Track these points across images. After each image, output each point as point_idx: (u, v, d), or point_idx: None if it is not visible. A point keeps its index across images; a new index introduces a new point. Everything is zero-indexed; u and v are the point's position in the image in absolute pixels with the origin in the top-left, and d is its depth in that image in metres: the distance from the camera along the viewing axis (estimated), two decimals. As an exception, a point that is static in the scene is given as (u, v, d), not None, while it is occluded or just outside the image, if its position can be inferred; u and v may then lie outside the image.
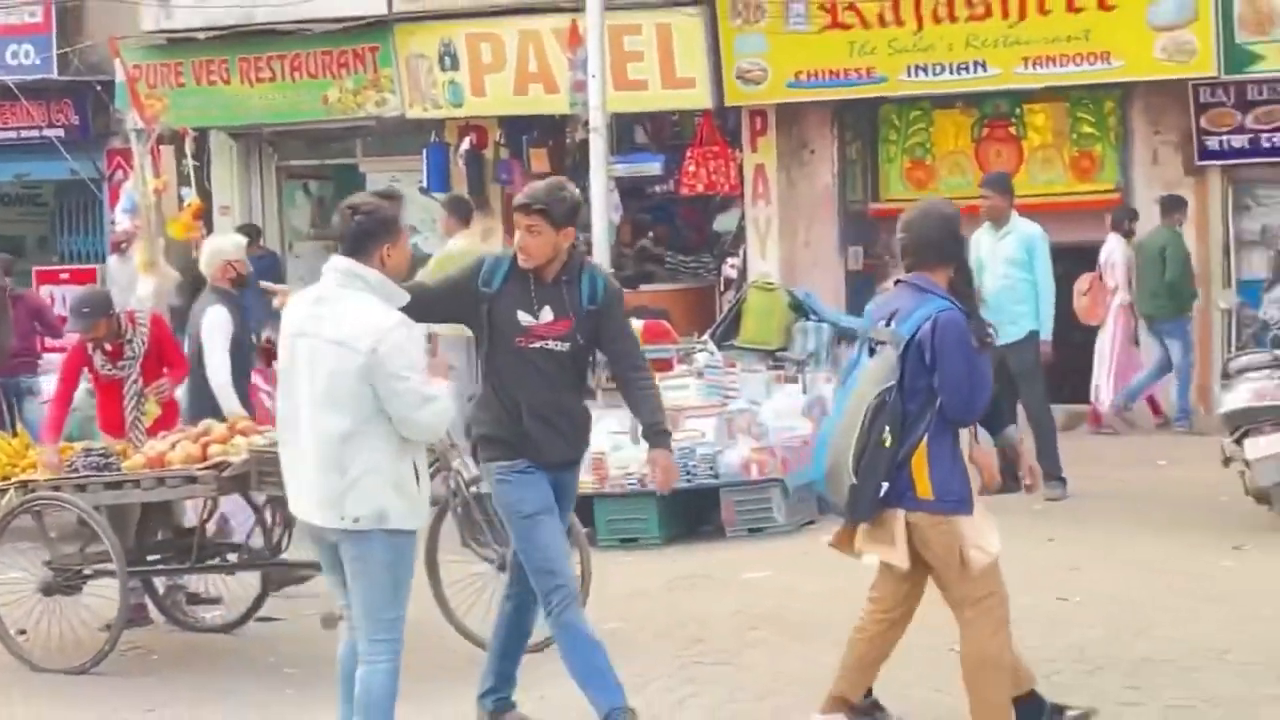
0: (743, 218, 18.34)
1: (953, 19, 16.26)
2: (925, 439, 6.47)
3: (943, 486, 6.47)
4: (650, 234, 19.86)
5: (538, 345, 6.88)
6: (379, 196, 6.93)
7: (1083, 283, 15.88)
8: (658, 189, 19.28)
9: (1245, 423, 10.99)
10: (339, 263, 6.34)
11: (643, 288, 18.66)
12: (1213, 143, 16.26)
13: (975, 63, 16.35)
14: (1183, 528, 11.30)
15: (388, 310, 6.29)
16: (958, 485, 6.54)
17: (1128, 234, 16.06)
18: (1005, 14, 16.09)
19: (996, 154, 17.44)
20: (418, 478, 6.37)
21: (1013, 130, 17.50)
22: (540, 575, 6.87)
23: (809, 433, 12.33)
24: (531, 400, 6.87)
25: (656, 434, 7.01)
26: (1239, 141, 16.24)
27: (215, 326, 10.50)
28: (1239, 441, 10.99)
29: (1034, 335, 12.69)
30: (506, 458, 6.93)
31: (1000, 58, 16.25)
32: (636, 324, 16.30)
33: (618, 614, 9.31)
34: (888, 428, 6.41)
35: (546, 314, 6.88)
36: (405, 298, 6.42)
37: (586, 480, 11.66)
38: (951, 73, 16.50)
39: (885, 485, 6.46)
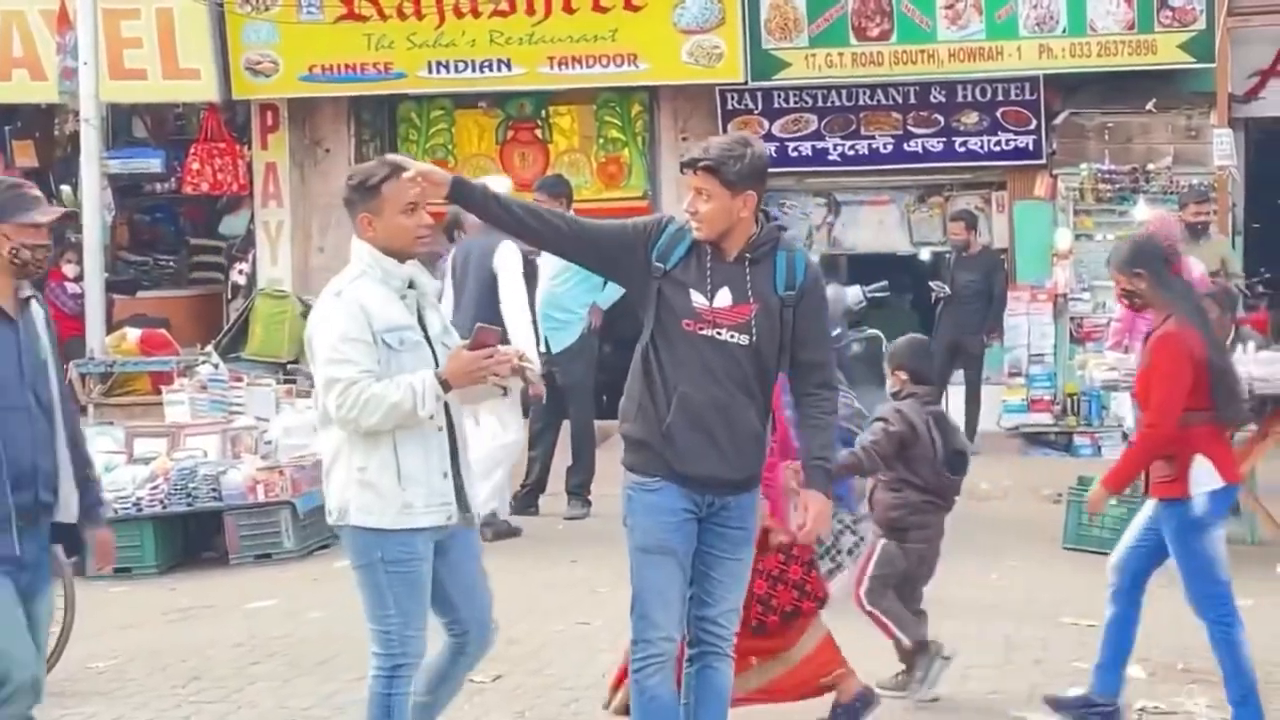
0: (252, 220, 18.11)
1: (475, 14, 16.44)
2: None
3: None
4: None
5: (708, 333, 5.97)
6: (381, 162, 6.20)
7: None
8: (158, 187, 18.88)
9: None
10: None
11: (141, 294, 18.25)
12: (740, 150, 16.78)
13: (499, 60, 16.57)
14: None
15: (336, 284, 6.12)
16: None
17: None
18: (530, 10, 16.36)
19: (522, 157, 17.73)
20: (399, 470, 5.97)
21: (538, 133, 17.82)
22: (635, 622, 6.10)
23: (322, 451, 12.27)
24: (687, 396, 5.96)
25: (815, 469, 6.11)
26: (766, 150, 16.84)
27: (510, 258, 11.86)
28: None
29: (585, 342, 12.92)
30: (642, 469, 6.06)
31: (524, 56, 16.50)
32: (134, 334, 16.23)
33: (108, 650, 9.07)
34: None
35: (723, 297, 5.97)
36: (397, 267, 6.09)
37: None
38: (474, 70, 16.67)
39: None
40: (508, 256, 11.89)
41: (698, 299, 6.00)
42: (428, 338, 6.14)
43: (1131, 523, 7.78)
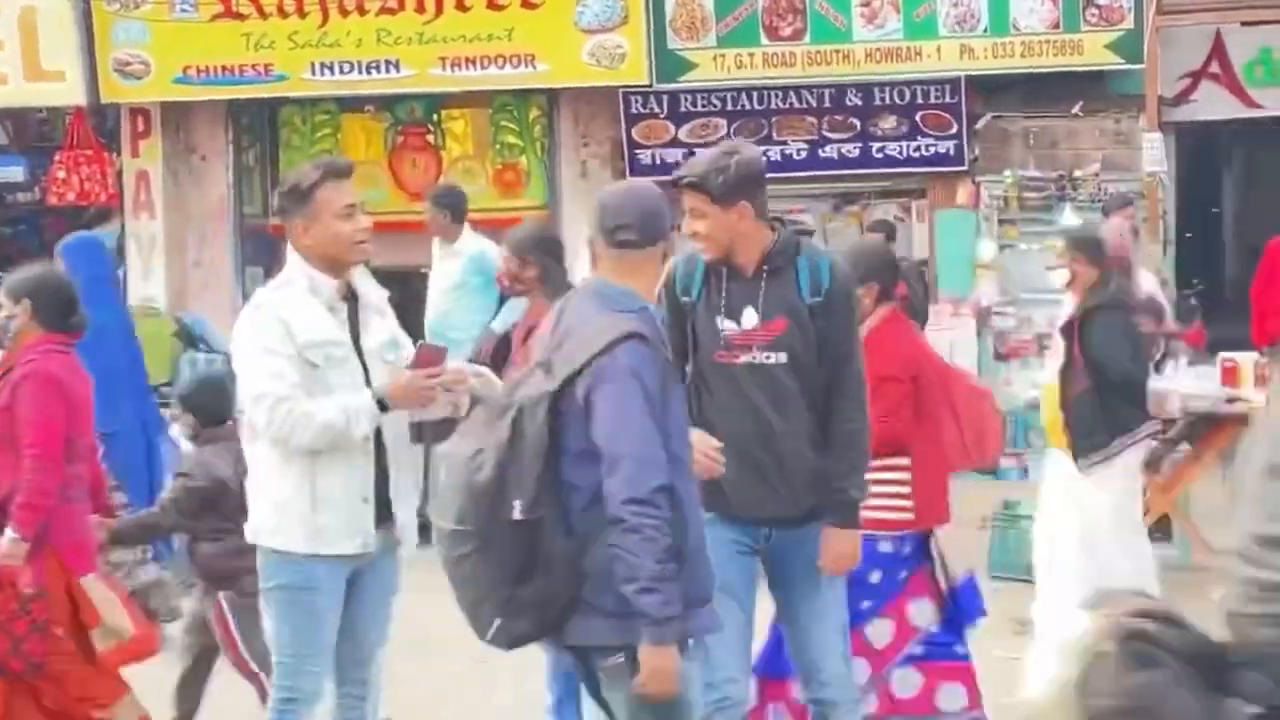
0: (122, 232, 17.95)
1: (361, 12, 16.36)
2: None
3: None
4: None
5: (744, 360, 6.00)
6: (315, 165, 6.23)
7: None
8: (20, 197, 18.70)
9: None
10: None
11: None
12: (645, 157, 16.86)
13: (387, 61, 16.48)
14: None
15: (259, 294, 6.18)
16: None
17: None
18: (420, 8, 16.29)
19: (413, 164, 17.66)
20: (313, 493, 5.97)
21: (430, 138, 17.77)
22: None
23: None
24: (731, 432, 5.91)
25: (840, 502, 6.09)
26: (673, 156, 16.80)
27: None
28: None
29: (476, 364, 12.78)
30: None
31: (414, 56, 16.43)
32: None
33: None
34: None
35: (750, 317, 6.02)
36: (326, 279, 6.06)
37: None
38: (360, 72, 16.58)
39: None
40: None
41: (725, 324, 6.06)
42: (360, 351, 6.07)
43: None
